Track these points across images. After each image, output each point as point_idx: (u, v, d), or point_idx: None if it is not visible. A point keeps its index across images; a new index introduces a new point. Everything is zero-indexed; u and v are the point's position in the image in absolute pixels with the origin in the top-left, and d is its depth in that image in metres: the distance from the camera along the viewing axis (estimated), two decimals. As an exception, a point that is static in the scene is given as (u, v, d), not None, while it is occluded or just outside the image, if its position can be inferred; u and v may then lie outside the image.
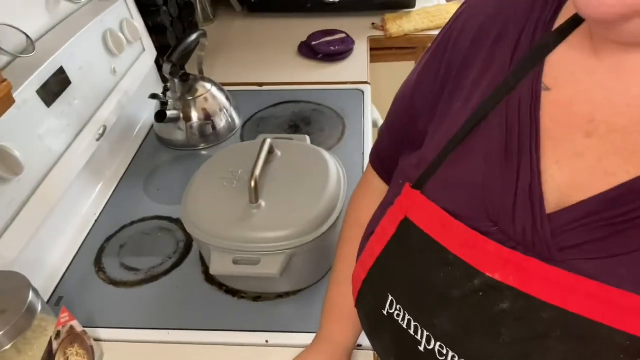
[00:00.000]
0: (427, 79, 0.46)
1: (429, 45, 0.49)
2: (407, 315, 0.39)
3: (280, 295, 0.72)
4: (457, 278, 0.36)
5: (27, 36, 0.74)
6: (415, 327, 0.38)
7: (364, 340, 0.64)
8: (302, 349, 0.65)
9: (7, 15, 0.71)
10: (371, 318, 0.44)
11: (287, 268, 0.65)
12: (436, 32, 1.29)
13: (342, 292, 0.58)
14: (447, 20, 0.49)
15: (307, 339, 0.65)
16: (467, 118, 0.39)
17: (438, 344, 0.37)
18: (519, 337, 0.33)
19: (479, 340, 0.35)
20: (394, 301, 0.40)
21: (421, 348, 0.38)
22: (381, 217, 0.44)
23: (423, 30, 1.33)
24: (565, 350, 0.31)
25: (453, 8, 1.37)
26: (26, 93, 0.70)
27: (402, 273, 0.40)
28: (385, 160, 0.57)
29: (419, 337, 0.38)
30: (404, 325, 0.39)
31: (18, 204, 0.68)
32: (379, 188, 0.59)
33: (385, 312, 0.41)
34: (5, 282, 0.58)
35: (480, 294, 0.35)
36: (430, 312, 0.37)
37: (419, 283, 0.39)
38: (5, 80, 0.44)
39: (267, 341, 0.66)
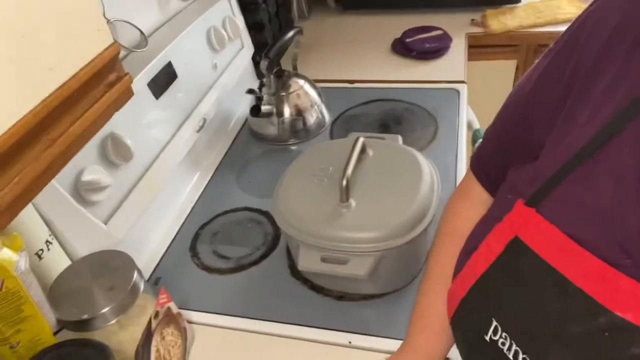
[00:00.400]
0: (548, 86, 0.41)
1: (550, 45, 0.44)
2: (514, 345, 0.36)
3: (364, 297, 0.71)
4: (577, 313, 0.32)
5: (141, 32, 0.79)
6: (524, 359, 0.35)
7: (453, 353, 0.61)
8: (385, 354, 0.63)
9: (124, 12, 0.77)
10: (470, 341, 0.41)
11: (375, 270, 0.64)
12: (543, 30, 1.21)
13: (432, 301, 0.54)
14: (557, 16, 0.44)
15: (390, 344, 0.64)
16: (596, 132, 0.34)
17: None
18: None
19: None
20: (499, 327, 0.37)
21: None
22: (486, 234, 0.41)
23: (529, 26, 1.25)
24: None
25: (564, 3, 1.27)
26: (139, 85, 0.76)
27: (509, 298, 0.37)
28: (490, 168, 0.54)
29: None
30: (510, 356, 0.36)
31: (127, 189, 0.74)
32: (480, 197, 0.55)
33: (487, 338, 0.38)
34: (113, 260, 0.63)
35: (606, 334, 0.31)
36: (543, 345, 0.34)
37: (529, 312, 0.35)
38: (127, 73, 0.47)
39: (350, 342, 0.65)
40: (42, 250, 0.60)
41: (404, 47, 1.26)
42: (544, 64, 0.43)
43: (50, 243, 0.62)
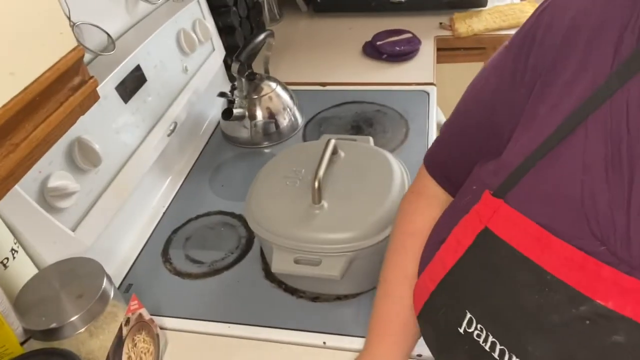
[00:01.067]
0: (509, 85, 0.42)
1: (505, 44, 0.45)
2: (490, 336, 0.36)
3: (339, 297, 0.72)
4: (557, 302, 0.32)
5: (109, 35, 0.78)
6: (502, 350, 0.35)
7: (424, 351, 0.63)
8: (359, 353, 0.64)
9: (91, 15, 0.76)
10: (443, 335, 0.41)
11: (348, 270, 0.65)
12: (508, 32, 1.25)
13: (392, 305, 0.52)
14: (521, 20, 0.45)
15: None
16: (560, 123, 0.35)
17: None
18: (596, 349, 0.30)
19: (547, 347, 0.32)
20: (473, 319, 0.37)
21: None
22: (452, 226, 0.41)
23: (494, 30, 1.28)
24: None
25: (527, 7, 1.31)
26: (106, 89, 0.74)
27: (482, 290, 0.37)
28: (446, 166, 0.53)
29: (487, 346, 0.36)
30: (487, 348, 0.36)
31: (95, 194, 0.73)
32: (437, 195, 0.55)
33: (461, 330, 0.38)
34: (82, 267, 0.61)
35: (587, 322, 0.31)
36: (521, 336, 0.34)
37: (505, 303, 0.35)
38: (92, 77, 0.47)
39: (324, 343, 0.66)
40: (7, 258, 0.59)
41: (375, 50, 1.28)
42: (502, 63, 0.44)
43: (16, 251, 0.60)
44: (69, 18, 0.69)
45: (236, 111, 0.99)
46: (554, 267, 0.33)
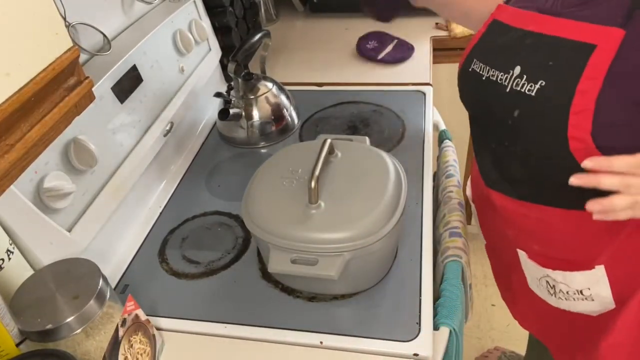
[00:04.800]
0: None
1: None
2: (480, 63, 0.68)
3: (335, 297, 0.72)
4: (510, 35, 0.65)
5: (104, 35, 0.78)
6: (482, 67, 0.68)
7: (421, 350, 0.63)
8: (356, 353, 0.64)
9: (87, 15, 0.76)
10: (462, 76, 0.73)
11: (345, 270, 0.65)
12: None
13: None
14: None
15: (362, 343, 0.65)
16: None
17: (491, 71, 0.66)
18: (529, 52, 0.62)
19: (511, 59, 0.63)
20: (476, 60, 0.69)
21: (484, 78, 0.67)
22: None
23: (490, 30, 1.29)
24: (548, 53, 0.59)
25: (523, 7, 1.31)
26: (102, 89, 0.74)
27: (484, 46, 0.69)
28: None
29: (483, 73, 0.67)
30: (478, 70, 0.68)
31: (91, 195, 0.72)
32: None
33: (470, 69, 0.70)
34: (78, 268, 0.61)
35: (518, 38, 0.64)
36: (492, 55, 0.67)
37: (490, 46, 0.68)
38: (87, 77, 0.47)
39: (321, 342, 0.66)
40: (2, 260, 0.58)
41: (370, 51, 1.28)
42: None
43: (12, 252, 0.60)
44: (64, 18, 0.69)
45: (232, 111, 0.99)
46: (515, 23, 0.65)
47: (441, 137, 1.08)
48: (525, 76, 0.60)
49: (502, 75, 0.64)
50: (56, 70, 0.42)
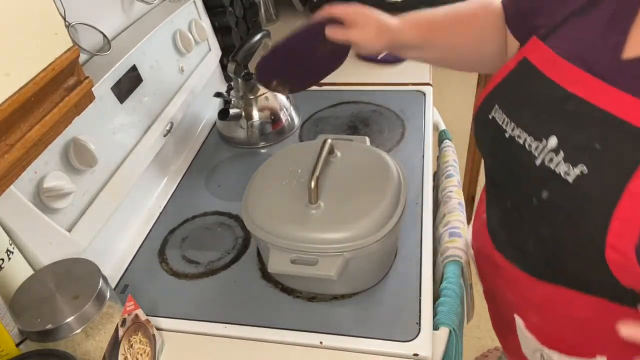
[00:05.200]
0: None
1: None
2: (503, 114, 0.56)
3: (335, 297, 0.72)
4: (547, 92, 0.51)
5: (104, 35, 0.78)
6: (507, 122, 0.55)
7: (421, 350, 0.63)
8: (356, 353, 0.64)
9: (86, 15, 0.76)
10: (480, 120, 0.60)
11: (344, 270, 0.65)
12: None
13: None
14: None
15: (362, 343, 0.65)
16: None
17: (518, 130, 0.53)
18: (572, 124, 0.49)
19: (546, 125, 0.51)
20: (498, 107, 0.57)
21: (507, 135, 0.55)
22: (508, 60, 0.58)
23: (490, 30, 1.28)
24: (596, 132, 0.47)
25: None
26: (102, 89, 0.74)
27: (510, 91, 0.57)
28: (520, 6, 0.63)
29: (507, 128, 0.55)
30: (499, 122, 0.56)
31: (91, 195, 0.72)
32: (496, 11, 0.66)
33: (490, 116, 0.58)
34: (78, 268, 0.61)
35: (559, 100, 0.50)
36: (520, 111, 0.54)
37: (519, 96, 0.55)
38: (87, 77, 0.47)
39: (321, 342, 0.66)
40: (2, 260, 0.58)
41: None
42: None
43: (11, 252, 0.60)
44: (64, 18, 0.69)
45: (232, 111, 0.99)
46: (554, 75, 0.51)
47: (441, 137, 1.08)
48: (562, 153, 0.48)
49: (531, 141, 0.52)
50: (56, 70, 0.42)
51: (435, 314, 0.68)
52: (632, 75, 0.46)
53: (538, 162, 0.51)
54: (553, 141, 0.50)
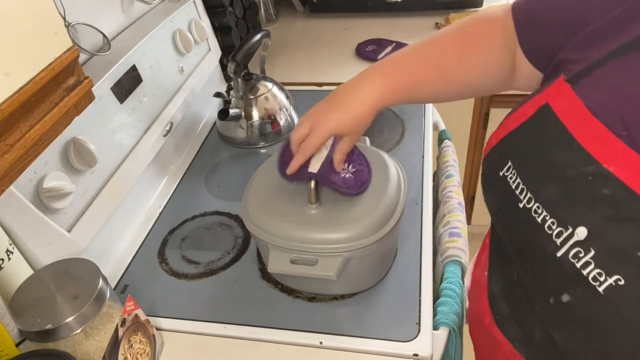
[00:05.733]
0: None
1: None
2: (518, 179, 0.46)
3: (335, 297, 0.72)
4: (575, 161, 0.41)
5: (104, 35, 0.78)
6: (522, 189, 0.45)
7: (420, 350, 0.63)
8: (356, 353, 0.64)
9: (86, 15, 0.76)
10: (489, 177, 0.52)
11: (344, 270, 0.65)
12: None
13: (434, 48, 0.60)
14: None
15: (362, 343, 0.65)
16: (638, 34, 0.39)
17: (536, 205, 0.43)
18: (607, 215, 0.38)
19: (574, 210, 0.41)
20: (511, 166, 0.47)
21: (520, 205, 0.45)
22: (525, 102, 0.48)
23: (490, 30, 1.28)
24: (638, 234, 0.36)
25: (523, 7, 1.31)
26: (102, 89, 0.74)
27: (526, 146, 0.47)
28: (535, 25, 0.53)
29: (521, 197, 0.45)
30: (512, 186, 0.46)
31: (91, 195, 0.72)
32: (503, 33, 0.56)
33: (501, 174, 0.48)
34: (78, 268, 0.61)
35: (590, 177, 0.40)
36: (539, 181, 0.44)
37: (538, 158, 0.45)
38: (87, 77, 0.47)
39: (321, 342, 0.66)
40: (2, 260, 0.58)
41: (370, 51, 1.28)
42: None
43: (11, 252, 0.60)
44: (64, 18, 0.69)
45: (232, 111, 0.99)
46: (582, 137, 0.41)
47: (441, 137, 1.08)
48: (592, 251, 0.39)
49: (552, 224, 0.42)
50: (56, 70, 0.42)
51: (435, 314, 0.68)
52: None
53: (560, 253, 0.41)
54: (582, 233, 0.39)
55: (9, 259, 0.59)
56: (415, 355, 0.63)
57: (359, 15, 1.49)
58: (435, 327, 0.66)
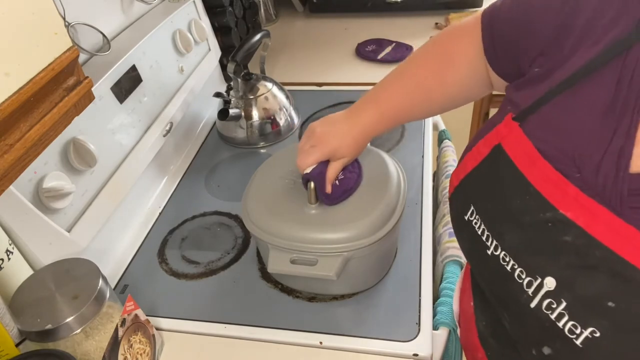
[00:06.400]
0: (551, 10, 0.43)
1: None
2: (482, 224, 0.45)
3: (335, 297, 0.72)
4: (532, 207, 0.40)
5: (104, 35, 0.78)
6: (488, 235, 0.44)
7: (420, 350, 0.63)
8: (356, 353, 0.64)
9: (86, 15, 0.76)
10: (456, 221, 0.51)
11: (344, 270, 0.65)
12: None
13: (418, 70, 0.62)
14: None
15: (361, 343, 0.65)
16: (581, 66, 0.38)
17: (503, 252, 0.42)
18: (572, 264, 0.37)
19: (539, 259, 0.39)
20: (474, 211, 0.46)
21: (489, 252, 0.44)
22: (481, 137, 0.48)
23: (489, 30, 1.28)
24: (607, 284, 0.35)
25: (522, 7, 1.31)
26: (101, 89, 0.74)
27: (485, 190, 0.46)
28: (499, 34, 0.52)
29: (488, 244, 0.44)
30: (479, 232, 0.45)
31: (91, 195, 0.72)
32: (475, 44, 0.54)
33: (466, 218, 0.47)
34: (78, 268, 0.61)
35: (549, 224, 0.39)
36: (501, 227, 0.43)
37: (497, 202, 0.44)
38: (87, 77, 0.47)
39: (321, 342, 0.66)
40: (2, 260, 0.58)
41: (370, 51, 1.28)
42: None
43: (11, 252, 0.60)
44: (63, 18, 0.69)
45: (232, 111, 0.99)
46: (537, 181, 0.40)
47: (441, 137, 1.08)
48: (564, 302, 0.37)
49: (521, 273, 0.40)
50: (55, 70, 0.42)
51: (435, 314, 0.68)
52: None
53: (533, 304, 0.39)
54: (551, 283, 0.38)
55: (9, 259, 0.59)
56: (415, 355, 0.63)
57: (358, 15, 1.49)
58: (435, 327, 0.66)
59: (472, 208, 0.46)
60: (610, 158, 0.36)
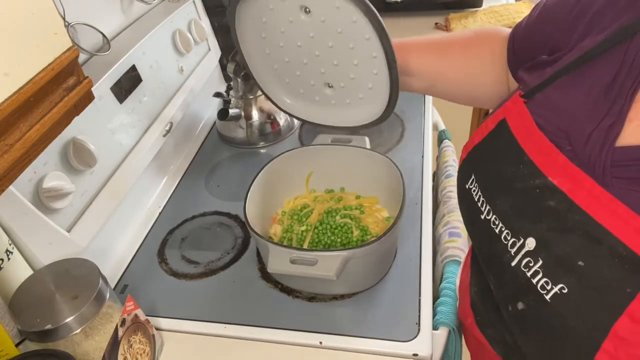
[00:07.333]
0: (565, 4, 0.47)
1: None
2: (479, 191, 0.49)
3: (335, 297, 0.72)
4: (524, 175, 0.43)
5: (104, 35, 0.78)
6: (482, 201, 0.48)
7: (420, 350, 0.63)
8: (356, 353, 0.64)
9: (85, 15, 0.75)
10: (459, 189, 0.54)
11: (344, 271, 0.65)
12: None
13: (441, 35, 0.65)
14: (515, 20, 0.50)
15: (361, 343, 0.65)
16: (588, 49, 0.41)
17: (494, 216, 0.46)
18: (552, 227, 0.40)
19: (524, 221, 0.43)
20: (474, 179, 0.50)
21: (482, 217, 0.48)
22: (488, 117, 0.51)
23: (489, 30, 1.28)
24: (580, 245, 0.38)
25: (523, 7, 1.31)
26: (101, 89, 0.74)
27: (486, 160, 0.49)
28: (520, 46, 0.57)
29: (482, 209, 0.48)
30: (475, 198, 0.49)
31: (90, 195, 0.72)
32: (496, 49, 0.60)
33: (467, 187, 0.51)
34: (77, 269, 0.61)
35: (537, 190, 0.42)
36: (495, 193, 0.47)
37: (494, 171, 0.47)
38: (87, 77, 0.47)
39: (321, 342, 0.66)
40: (1, 260, 0.58)
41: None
42: None
43: (11, 252, 0.60)
44: (63, 18, 0.69)
45: (232, 111, 0.99)
46: (531, 151, 0.43)
47: (440, 137, 1.08)
48: (540, 261, 0.40)
49: (507, 235, 0.44)
50: (55, 70, 0.42)
51: (434, 314, 0.68)
52: (626, 176, 0.37)
53: (514, 263, 0.42)
54: (532, 243, 0.41)
55: (9, 259, 0.59)
56: (415, 355, 0.63)
57: (358, 15, 1.49)
58: (435, 327, 0.66)
59: (472, 177, 0.50)
60: (600, 133, 0.39)
